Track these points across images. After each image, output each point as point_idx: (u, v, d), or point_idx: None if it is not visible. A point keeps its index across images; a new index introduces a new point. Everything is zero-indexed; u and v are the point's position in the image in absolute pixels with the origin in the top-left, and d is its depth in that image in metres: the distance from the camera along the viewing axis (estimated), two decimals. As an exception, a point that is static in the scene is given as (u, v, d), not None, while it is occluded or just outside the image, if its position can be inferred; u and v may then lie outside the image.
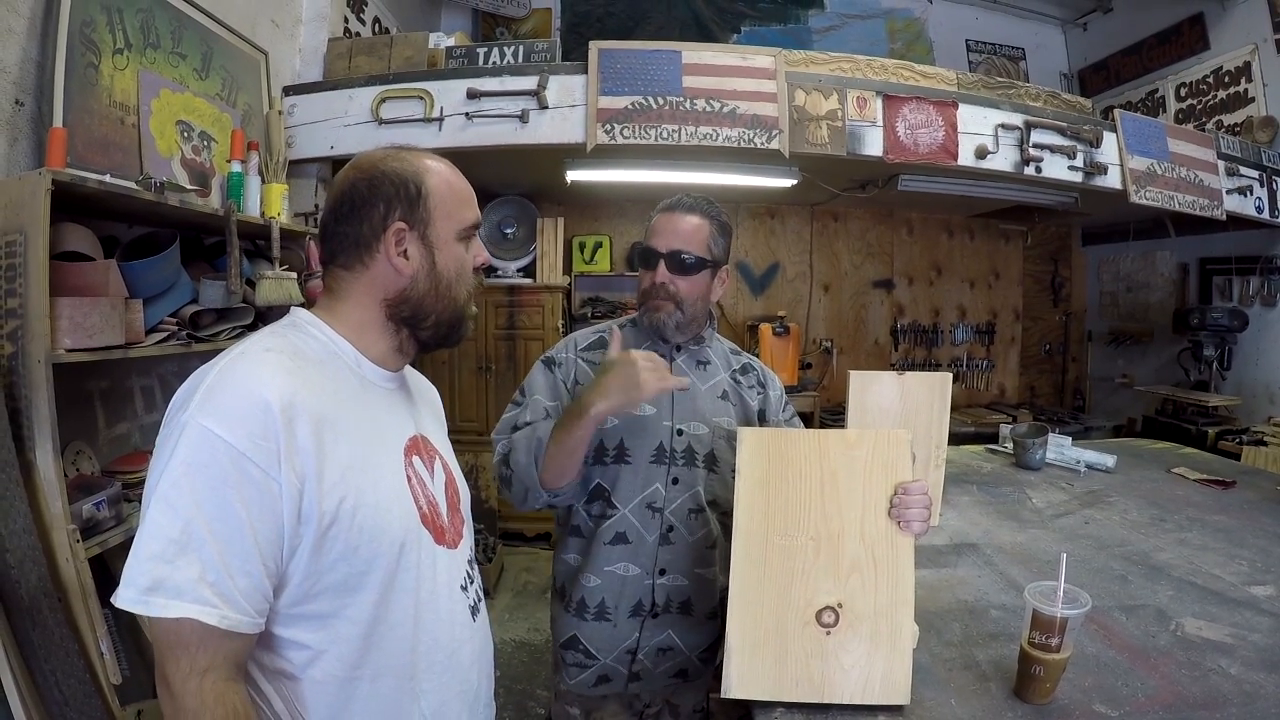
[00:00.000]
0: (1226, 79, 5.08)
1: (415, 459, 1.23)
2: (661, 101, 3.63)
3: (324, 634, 1.06)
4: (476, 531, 4.80)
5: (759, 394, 2.00)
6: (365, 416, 1.16)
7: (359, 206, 1.18)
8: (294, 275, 2.83)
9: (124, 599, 0.93)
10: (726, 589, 1.49)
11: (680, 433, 1.84)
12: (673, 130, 3.63)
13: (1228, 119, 5.09)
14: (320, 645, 1.06)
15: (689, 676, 1.92)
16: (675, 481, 1.83)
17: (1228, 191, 4.50)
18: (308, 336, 1.17)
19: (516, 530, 5.31)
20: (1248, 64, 4.94)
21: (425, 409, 1.40)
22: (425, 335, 1.24)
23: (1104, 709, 1.39)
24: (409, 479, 1.19)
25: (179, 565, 0.93)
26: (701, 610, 1.86)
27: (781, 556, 1.45)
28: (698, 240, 1.86)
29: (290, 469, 0.99)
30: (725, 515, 1.81)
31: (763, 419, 1.97)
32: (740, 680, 1.44)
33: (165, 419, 1.03)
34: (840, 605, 1.43)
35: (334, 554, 1.04)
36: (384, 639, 1.11)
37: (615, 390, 1.57)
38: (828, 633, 1.43)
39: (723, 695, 1.45)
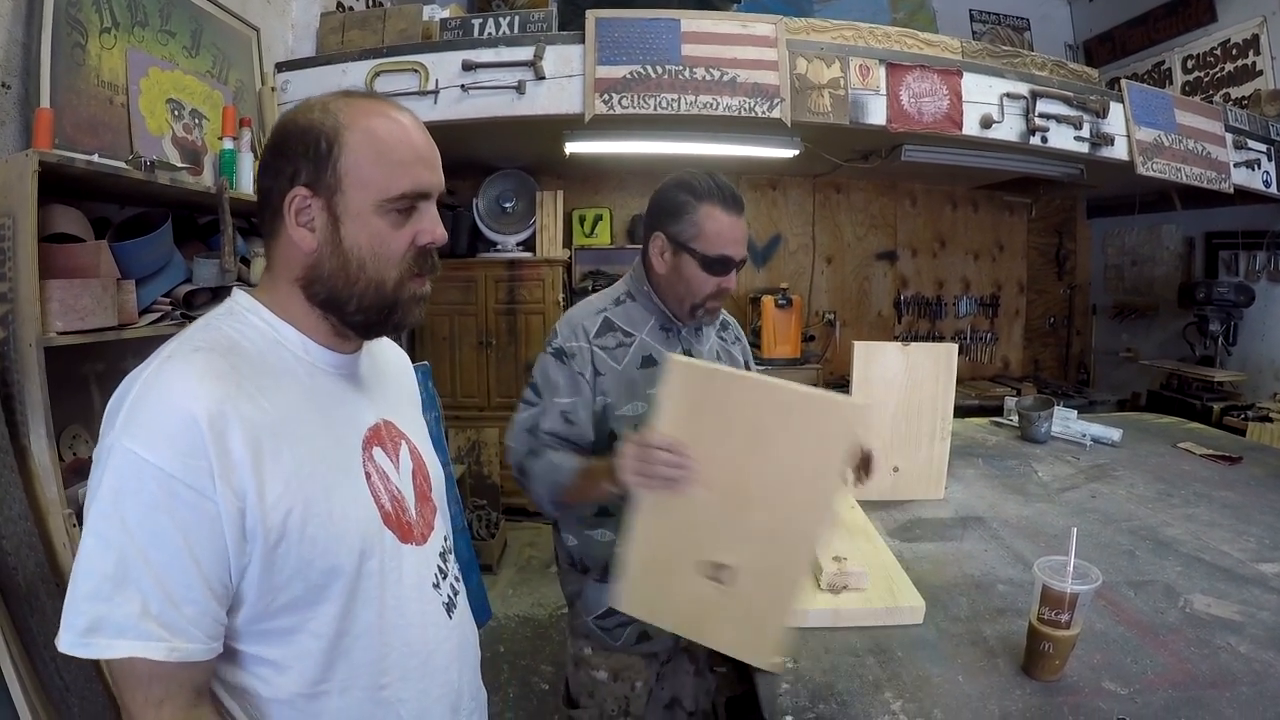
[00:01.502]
0: (1234, 51, 5.00)
1: (376, 450, 1.12)
2: (660, 70, 3.57)
3: (287, 649, 0.99)
4: (479, 507, 4.83)
5: (739, 346, 2.11)
6: (314, 413, 1.05)
7: (271, 162, 1.03)
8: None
9: (65, 643, 0.87)
10: None
11: None
12: (672, 99, 3.57)
13: (1235, 92, 4.99)
14: (284, 661, 0.99)
15: None
16: None
17: (1235, 165, 4.42)
18: (246, 325, 1.04)
19: (519, 505, 5.28)
20: (1256, 36, 4.85)
21: (389, 387, 1.26)
22: (355, 321, 1.08)
23: (1113, 686, 1.38)
24: (368, 476, 1.08)
25: (117, 602, 0.87)
26: None
27: (686, 503, 1.36)
28: (747, 239, 1.85)
29: (226, 486, 0.90)
30: None
31: (748, 367, 2.08)
32: (626, 597, 1.47)
33: (100, 434, 0.94)
34: (736, 566, 1.35)
35: (287, 570, 0.96)
36: (350, 651, 1.03)
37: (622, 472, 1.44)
38: (716, 586, 1.37)
39: (610, 604, 1.52)
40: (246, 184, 2.96)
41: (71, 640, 0.87)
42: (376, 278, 1.04)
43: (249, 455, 0.92)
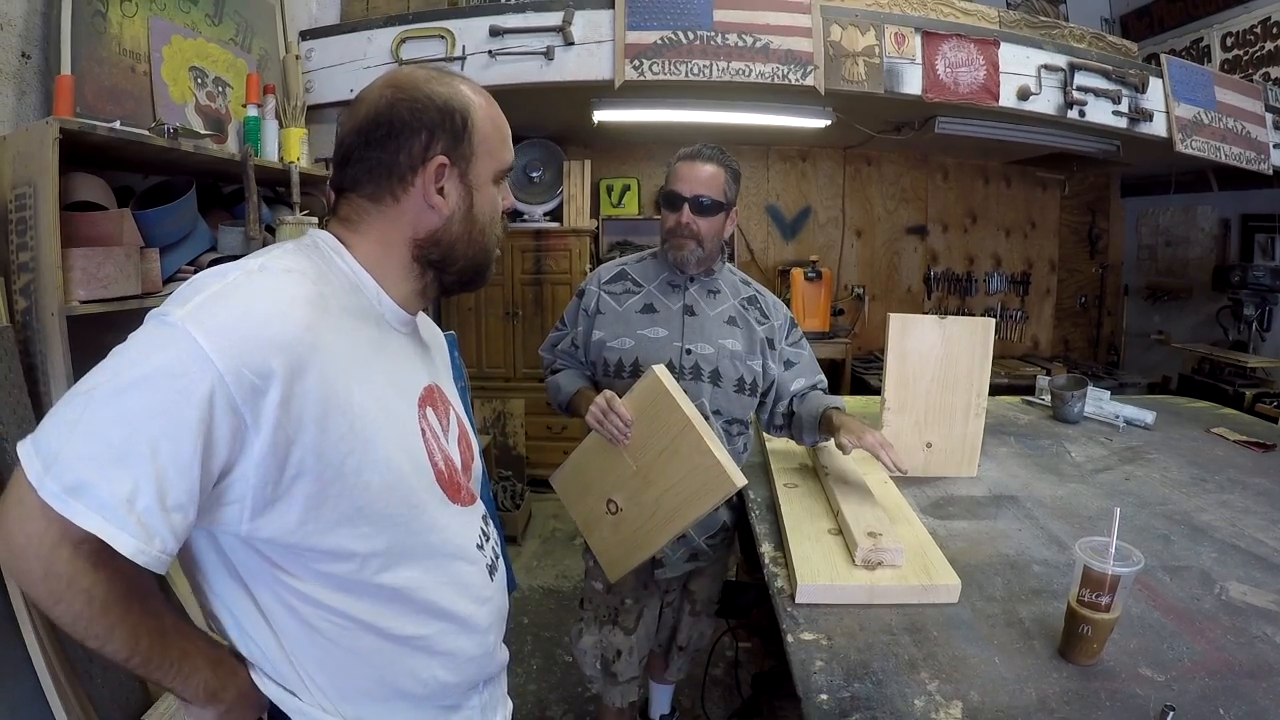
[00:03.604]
0: (1275, 30, 4.82)
1: (429, 410, 1.14)
2: (692, 36, 3.52)
3: (335, 588, 1.00)
4: (504, 478, 4.84)
5: (763, 324, 2.27)
6: (383, 363, 1.06)
7: (398, 132, 1.05)
8: (315, 220, 2.79)
9: (47, 491, 0.81)
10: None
11: (689, 352, 2.18)
12: (703, 66, 3.52)
13: (1275, 72, 4.83)
14: (332, 604, 1.00)
15: (700, 559, 2.34)
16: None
17: (1275, 146, 4.31)
18: (330, 263, 1.06)
19: (545, 477, 5.26)
20: (1297, 15, 4.70)
21: (435, 355, 1.30)
22: (450, 279, 1.15)
23: (1150, 673, 1.35)
24: (423, 433, 1.10)
25: (109, 476, 0.82)
26: None
27: (615, 455, 1.97)
28: (716, 186, 2.12)
29: (284, 414, 0.88)
30: (729, 423, 2.23)
31: (771, 345, 2.27)
32: (558, 484, 2.21)
33: (158, 309, 0.89)
34: (624, 509, 1.99)
35: (336, 515, 0.95)
36: (396, 601, 1.05)
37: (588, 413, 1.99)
38: (608, 512, 2.03)
39: (551, 480, 2.24)
40: (271, 152, 2.96)
41: (55, 491, 0.81)
42: (490, 241, 1.17)
43: (322, 389, 0.92)
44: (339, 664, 1.04)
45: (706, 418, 2.12)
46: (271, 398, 0.87)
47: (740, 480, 1.76)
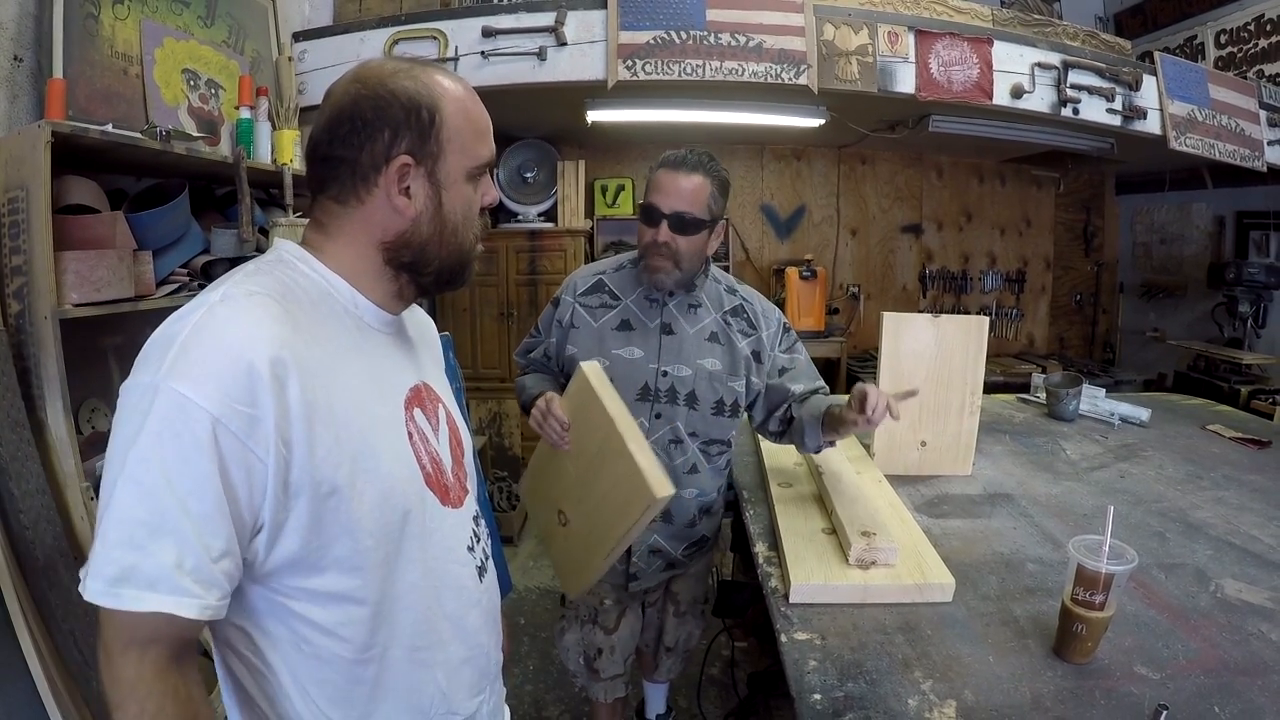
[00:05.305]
0: (1269, 27, 4.83)
1: (417, 411, 1.12)
2: (685, 36, 3.51)
3: (335, 612, 0.98)
4: (500, 478, 4.84)
5: (748, 337, 2.11)
6: (363, 367, 1.04)
7: (360, 129, 1.01)
8: (308, 222, 2.78)
9: (91, 591, 0.82)
10: (702, 504, 2.14)
11: (665, 374, 2.05)
12: (697, 66, 3.52)
13: (1269, 69, 4.84)
14: (329, 623, 0.98)
15: (677, 567, 2.27)
16: (658, 416, 2.06)
17: (1269, 143, 4.31)
18: (297, 273, 1.03)
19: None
20: (1290, 12, 4.70)
21: (424, 350, 1.27)
22: (427, 281, 1.11)
23: (1145, 671, 1.35)
24: (410, 436, 1.08)
25: (151, 550, 0.82)
26: (680, 521, 2.16)
27: (560, 460, 1.86)
28: (699, 200, 1.93)
29: (277, 437, 0.87)
30: (707, 444, 2.11)
31: (758, 359, 2.11)
32: (525, 491, 2.17)
33: (130, 376, 0.89)
34: (571, 519, 1.85)
35: (336, 527, 0.94)
36: (393, 613, 1.03)
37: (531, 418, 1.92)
38: (559, 524, 1.90)
39: (518, 487, 2.11)
40: (264, 154, 2.94)
41: (99, 589, 0.82)
42: (464, 241, 1.10)
43: (304, 406, 0.91)
44: (345, 691, 1.02)
45: (681, 440, 2.07)
46: (267, 424, 0.87)
47: (665, 490, 1.54)
